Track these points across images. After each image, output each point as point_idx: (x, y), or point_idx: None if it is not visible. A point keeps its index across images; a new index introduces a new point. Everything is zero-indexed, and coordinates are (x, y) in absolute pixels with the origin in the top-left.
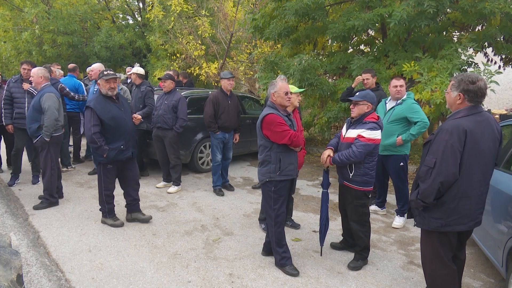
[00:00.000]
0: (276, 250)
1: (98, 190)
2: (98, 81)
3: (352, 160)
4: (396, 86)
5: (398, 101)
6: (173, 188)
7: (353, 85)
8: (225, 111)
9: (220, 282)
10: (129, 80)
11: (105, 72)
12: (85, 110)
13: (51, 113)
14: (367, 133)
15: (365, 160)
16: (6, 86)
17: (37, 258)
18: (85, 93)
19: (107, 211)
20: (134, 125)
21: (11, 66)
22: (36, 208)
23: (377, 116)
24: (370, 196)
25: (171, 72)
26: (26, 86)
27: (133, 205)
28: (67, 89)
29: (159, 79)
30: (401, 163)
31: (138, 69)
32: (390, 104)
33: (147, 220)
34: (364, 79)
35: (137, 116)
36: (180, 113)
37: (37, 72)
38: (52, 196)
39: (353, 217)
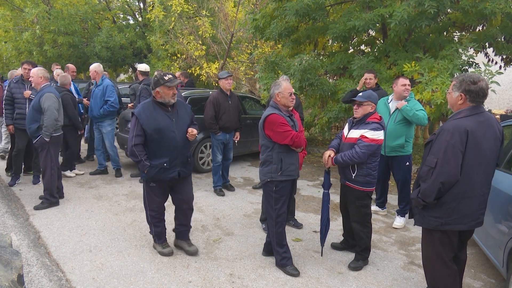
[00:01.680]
0: (277, 250)
1: (145, 213)
2: (157, 89)
3: (355, 161)
4: (404, 85)
5: (402, 101)
6: None
7: (358, 88)
8: (226, 112)
9: (220, 282)
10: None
11: (166, 78)
12: (132, 116)
13: (51, 113)
14: (371, 134)
15: (368, 160)
16: (6, 86)
17: (37, 258)
18: (80, 94)
19: (154, 235)
20: (186, 141)
21: (12, 66)
22: (36, 208)
23: (380, 116)
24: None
25: (177, 74)
26: (27, 94)
27: (180, 231)
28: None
29: None
30: (407, 163)
31: (140, 66)
32: (393, 104)
33: (192, 252)
34: (367, 79)
35: (193, 130)
36: None
37: (36, 72)
38: (52, 196)
39: (355, 218)
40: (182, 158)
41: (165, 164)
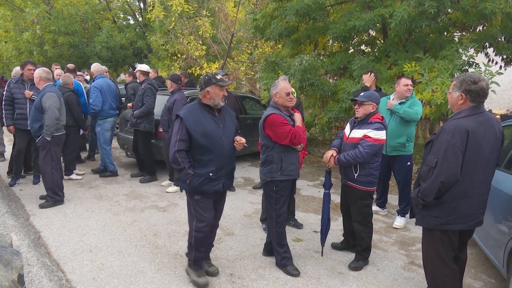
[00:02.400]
0: (277, 250)
1: (189, 225)
2: (208, 88)
3: (359, 161)
4: (407, 85)
5: (402, 100)
6: (172, 188)
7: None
8: None
9: (221, 282)
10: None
11: (218, 77)
12: (176, 119)
13: (52, 112)
14: (374, 133)
15: (370, 160)
16: (6, 87)
17: (38, 258)
18: (85, 94)
19: (194, 259)
20: (234, 150)
21: (12, 66)
22: (41, 206)
23: (382, 116)
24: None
25: (178, 73)
26: (28, 94)
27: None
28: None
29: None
30: (408, 163)
31: (142, 66)
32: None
33: (213, 273)
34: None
35: (242, 139)
36: (174, 116)
37: (36, 72)
38: (56, 194)
39: (357, 218)
40: (227, 169)
41: (210, 174)
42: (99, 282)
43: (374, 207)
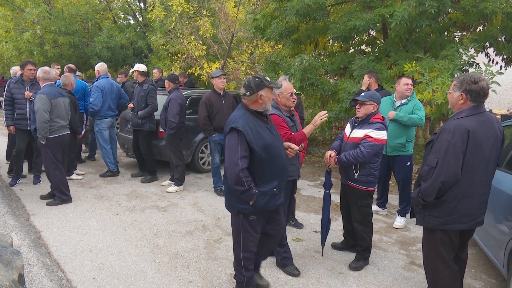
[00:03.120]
0: (277, 250)
1: (234, 251)
2: (261, 92)
3: (360, 160)
4: (407, 84)
5: (404, 101)
6: (172, 188)
7: (363, 87)
8: (219, 112)
9: (221, 282)
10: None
11: (268, 79)
12: (229, 132)
13: (39, 115)
14: (375, 133)
15: (371, 160)
16: (6, 87)
17: (38, 258)
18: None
19: (245, 281)
20: (288, 158)
21: (13, 66)
22: (49, 204)
23: (382, 116)
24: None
25: (176, 73)
26: (28, 95)
27: (256, 263)
28: None
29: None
30: (408, 163)
31: (139, 66)
32: (396, 103)
33: (265, 287)
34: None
35: (294, 146)
36: (169, 115)
37: (37, 73)
38: (63, 194)
39: (357, 218)
40: (286, 179)
41: (275, 189)
42: (100, 282)
43: (374, 207)
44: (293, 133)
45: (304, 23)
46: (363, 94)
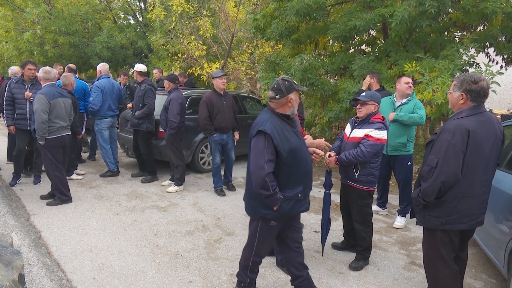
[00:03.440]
0: (278, 250)
1: (244, 251)
2: (291, 95)
3: (360, 160)
4: (407, 83)
5: (404, 100)
6: (172, 188)
7: (363, 87)
8: (220, 112)
9: (221, 282)
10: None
11: (295, 81)
12: (256, 135)
13: (37, 116)
14: (375, 133)
15: (371, 160)
16: (6, 87)
17: (38, 258)
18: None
19: (248, 281)
20: (312, 162)
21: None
22: (49, 204)
23: (382, 116)
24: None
25: (176, 73)
26: (27, 95)
27: (303, 281)
28: None
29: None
30: (409, 163)
31: (138, 66)
32: (396, 103)
33: None
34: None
35: (320, 152)
36: (170, 114)
37: (39, 71)
38: (64, 195)
39: (357, 218)
40: (310, 185)
41: (299, 195)
42: (100, 282)
43: (375, 207)
44: None
45: (304, 23)
46: (363, 94)
